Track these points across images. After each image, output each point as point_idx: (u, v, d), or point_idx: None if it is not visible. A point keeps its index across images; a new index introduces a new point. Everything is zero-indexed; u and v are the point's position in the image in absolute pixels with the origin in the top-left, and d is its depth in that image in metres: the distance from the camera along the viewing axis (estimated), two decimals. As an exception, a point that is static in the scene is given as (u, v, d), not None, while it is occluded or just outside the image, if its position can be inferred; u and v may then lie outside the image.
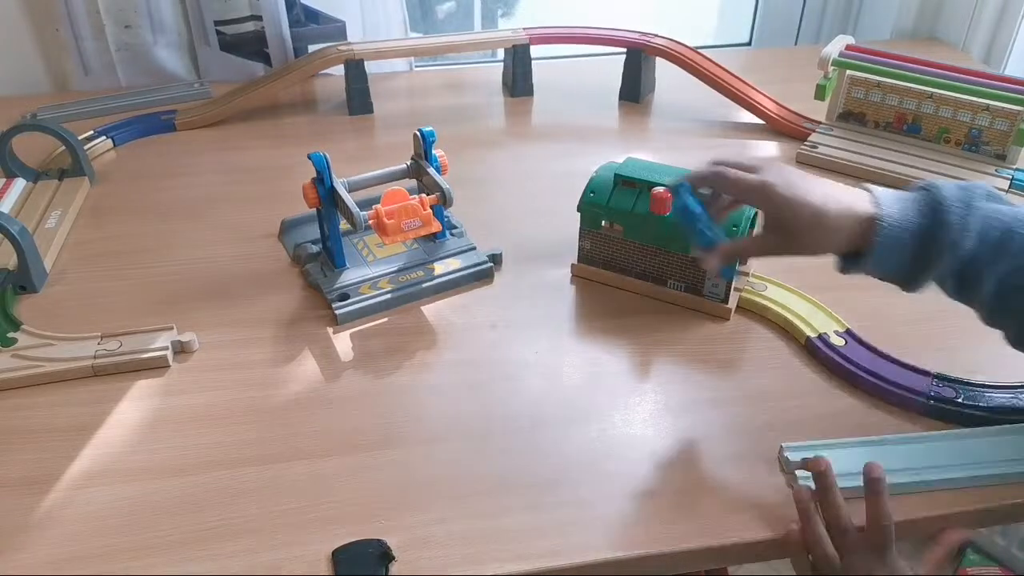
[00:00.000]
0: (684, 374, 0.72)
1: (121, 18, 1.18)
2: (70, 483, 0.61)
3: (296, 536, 0.57)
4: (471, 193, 0.85)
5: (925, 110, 1.03)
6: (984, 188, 0.60)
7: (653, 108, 1.21)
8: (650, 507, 0.59)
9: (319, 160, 0.76)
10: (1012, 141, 0.98)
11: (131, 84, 1.23)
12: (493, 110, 1.22)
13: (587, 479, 0.62)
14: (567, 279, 0.83)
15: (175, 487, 0.61)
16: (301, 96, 1.23)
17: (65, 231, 0.90)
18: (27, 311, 0.78)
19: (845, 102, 1.08)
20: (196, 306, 0.79)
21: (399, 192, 0.77)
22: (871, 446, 0.63)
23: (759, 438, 0.64)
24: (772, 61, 1.40)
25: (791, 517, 0.57)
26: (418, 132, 0.81)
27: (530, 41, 1.19)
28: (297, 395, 0.69)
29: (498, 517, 0.58)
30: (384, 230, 0.75)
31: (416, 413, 0.68)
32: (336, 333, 0.76)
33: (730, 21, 1.64)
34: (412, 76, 1.33)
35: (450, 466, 0.63)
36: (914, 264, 0.59)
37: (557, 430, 0.66)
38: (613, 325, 0.77)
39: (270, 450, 0.64)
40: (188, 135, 1.12)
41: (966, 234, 0.58)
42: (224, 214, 0.94)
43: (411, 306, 0.80)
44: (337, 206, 0.78)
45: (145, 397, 0.69)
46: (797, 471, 0.60)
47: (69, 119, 1.12)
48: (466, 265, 0.83)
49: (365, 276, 0.81)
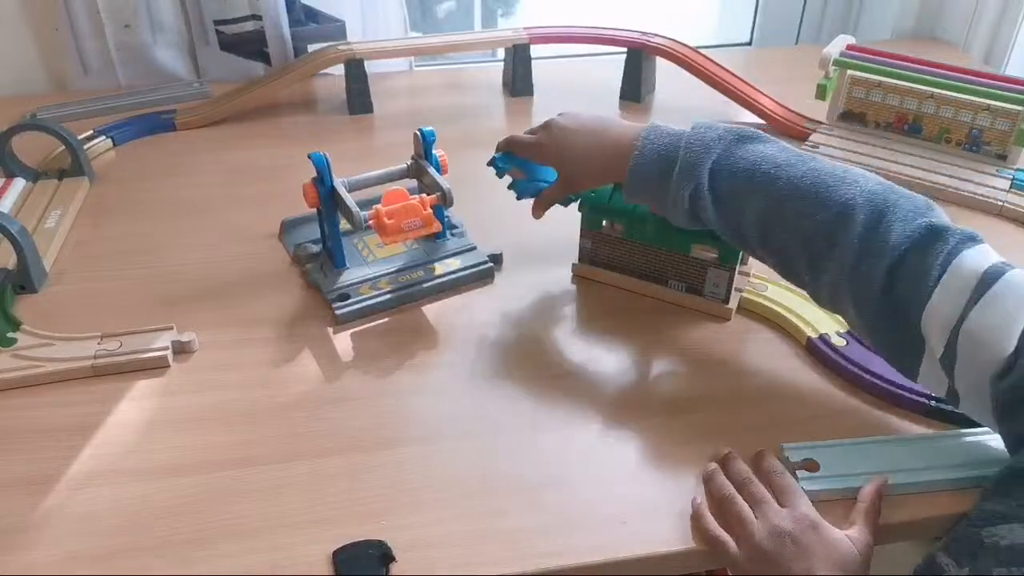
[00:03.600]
0: (685, 374, 0.72)
1: (120, 18, 1.18)
2: (70, 483, 0.61)
3: (296, 537, 0.57)
4: (471, 193, 0.85)
5: (926, 110, 1.03)
6: (743, 132, 0.67)
7: (654, 108, 1.21)
8: (651, 507, 0.59)
9: (319, 160, 0.76)
10: (1013, 141, 0.98)
11: (131, 84, 1.23)
12: (493, 110, 1.22)
13: (587, 479, 0.62)
14: (568, 279, 0.83)
15: (175, 487, 0.61)
16: (301, 96, 1.23)
17: (65, 231, 0.90)
18: (27, 311, 0.78)
19: (846, 102, 1.08)
20: (196, 306, 0.79)
21: (399, 192, 0.77)
22: (871, 446, 0.63)
23: (760, 438, 0.64)
24: (773, 61, 1.40)
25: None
26: (418, 132, 0.81)
27: (530, 40, 1.19)
28: (297, 395, 0.69)
29: (498, 518, 0.58)
30: (384, 230, 0.75)
31: (416, 414, 0.68)
32: (336, 333, 0.76)
33: (731, 21, 1.64)
34: (412, 76, 1.33)
35: (450, 467, 0.63)
36: (657, 190, 0.69)
37: (557, 430, 0.66)
38: (614, 325, 0.77)
39: (270, 451, 0.64)
40: (188, 135, 1.12)
41: (696, 170, 0.66)
42: (224, 214, 0.94)
43: (411, 306, 0.79)
44: (337, 206, 0.78)
45: (145, 397, 0.69)
46: (798, 471, 0.60)
47: (69, 119, 1.11)
48: (466, 265, 0.83)
49: (365, 276, 0.81)
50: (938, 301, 0.56)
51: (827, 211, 0.62)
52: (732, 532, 0.56)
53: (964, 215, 0.94)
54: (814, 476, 0.60)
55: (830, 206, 0.62)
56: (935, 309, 0.57)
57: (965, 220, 0.92)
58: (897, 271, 0.59)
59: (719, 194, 0.66)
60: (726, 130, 0.68)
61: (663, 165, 0.68)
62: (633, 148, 0.69)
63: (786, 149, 0.67)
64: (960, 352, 0.55)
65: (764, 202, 0.64)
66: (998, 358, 0.54)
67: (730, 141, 0.67)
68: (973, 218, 0.93)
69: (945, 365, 0.57)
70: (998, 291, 0.55)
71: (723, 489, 0.58)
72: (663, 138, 0.69)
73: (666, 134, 0.69)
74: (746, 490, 0.58)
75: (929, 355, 0.58)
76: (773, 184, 0.64)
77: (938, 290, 0.56)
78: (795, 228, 0.63)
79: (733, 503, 0.57)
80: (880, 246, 0.59)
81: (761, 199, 0.64)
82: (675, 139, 0.68)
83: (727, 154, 0.67)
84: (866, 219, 0.60)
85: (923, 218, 0.59)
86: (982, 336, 0.54)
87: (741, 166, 0.66)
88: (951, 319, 0.56)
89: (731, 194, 0.66)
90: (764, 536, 0.54)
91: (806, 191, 0.63)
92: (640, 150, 0.69)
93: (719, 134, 0.67)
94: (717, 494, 0.58)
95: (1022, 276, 0.56)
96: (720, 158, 0.66)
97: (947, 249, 0.57)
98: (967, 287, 0.56)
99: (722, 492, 0.58)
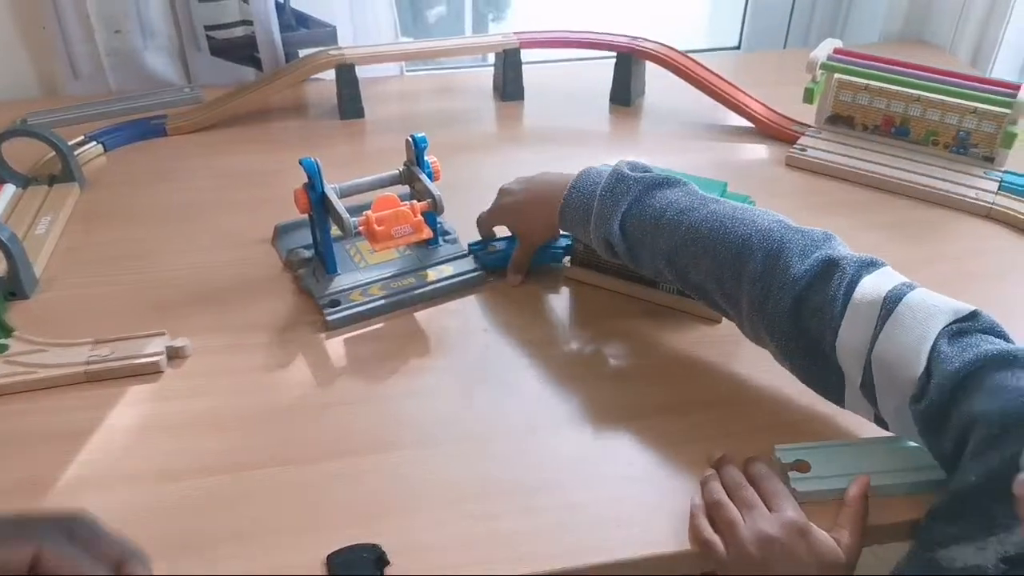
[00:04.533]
0: (677, 376, 0.72)
1: (111, 23, 1.18)
2: (64, 489, 0.61)
3: (290, 541, 0.57)
4: (462, 198, 0.85)
5: (913, 113, 1.03)
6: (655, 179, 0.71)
7: (643, 112, 1.21)
8: (645, 509, 0.60)
9: (310, 166, 0.76)
10: (999, 143, 0.99)
11: (121, 89, 1.23)
12: (484, 114, 1.22)
13: (581, 482, 0.62)
14: (560, 283, 0.84)
15: (169, 493, 0.61)
16: (292, 101, 1.23)
17: (55, 237, 0.90)
18: (18, 317, 0.78)
19: (833, 105, 1.09)
20: (188, 311, 0.79)
21: (390, 198, 0.77)
22: (861, 447, 0.63)
23: (752, 440, 0.65)
24: (761, 65, 1.40)
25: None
26: (410, 138, 0.82)
27: (521, 45, 1.19)
28: (290, 400, 0.69)
29: (492, 520, 0.59)
30: (374, 237, 0.75)
31: (409, 417, 0.68)
32: (328, 339, 0.76)
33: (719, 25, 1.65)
34: (403, 80, 1.33)
35: (444, 470, 0.63)
36: (583, 234, 0.74)
37: (551, 433, 0.66)
38: (606, 328, 0.78)
39: (263, 455, 0.64)
40: (179, 140, 1.12)
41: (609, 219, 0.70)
42: (216, 219, 0.94)
43: (404, 312, 0.80)
44: (328, 212, 0.78)
45: (138, 403, 0.69)
46: (790, 472, 0.61)
47: (59, 124, 1.11)
48: (458, 272, 0.83)
49: (357, 282, 0.81)
50: (846, 331, 0.58)
51: (727, 250, 0.64)
52: (722, 536, 0.56)
53: (952, 218, 0.95)
54: (805, 477, 0.60)
55: (728, 246, 0.64)
56: (845, 339, 0.58)
57: (953, 223, 0.94)
58: (802, 306, 0.60)
59: (630, 241, 0.70)
60: (638, 179, 0.71)
61: (583, 214, 0.73)
62: (561, 198, 0.74)
63: (691, 194, 0.70)
64: (876, 378, 0.57)
65: (670, 245, 0.68)
66: (911, 380, 0.55)
67: (640, 190, 0.70)
68: (961, 221, 0.94)
69: (866, 393, 0.58)
70: (900, 313, 0.56)
71: (714, 494, 0.59)
72: (587, 186, 0.73)
73: (590, 183, 0.73)
74: (737, 495, 0.58)
75: (850, 384, 0.59)
76: (676, 229, 0.67)
77: (844, 320, 0.58)
78: (703, 268, 0.66)
79: (723, 508, 0.57)
80: (781, 282, 0.61)
81: (666, 242, 0.68)
82: (592, 190, 0.72)
83: (637, 203, 0.70)
84: (764, 256, 0.62)
85: (819, 251, 0.61)
86: (892, 361, 0.56)
87: (648, 214, 0.69)
88: (862, 347, 0.57)
89: (640, 240, 0.70)
90: (751, 540, 0.55)
91: (707, 233, 0.66)
92: (565, 199, 0.74)
93: (629, 185, 0.71)
94: (708, 499, 0.58)
95: (922, 295, 0.57)
96: (630, 207, 0.70)
97: (847, 279, 0.59)
98: (871, 314, 0.57)
99: (713, 497, 0.58)
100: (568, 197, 0.74)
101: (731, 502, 0.58)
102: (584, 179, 0.74)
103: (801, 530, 0.55)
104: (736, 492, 0.59)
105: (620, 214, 0.70)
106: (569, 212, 0.74)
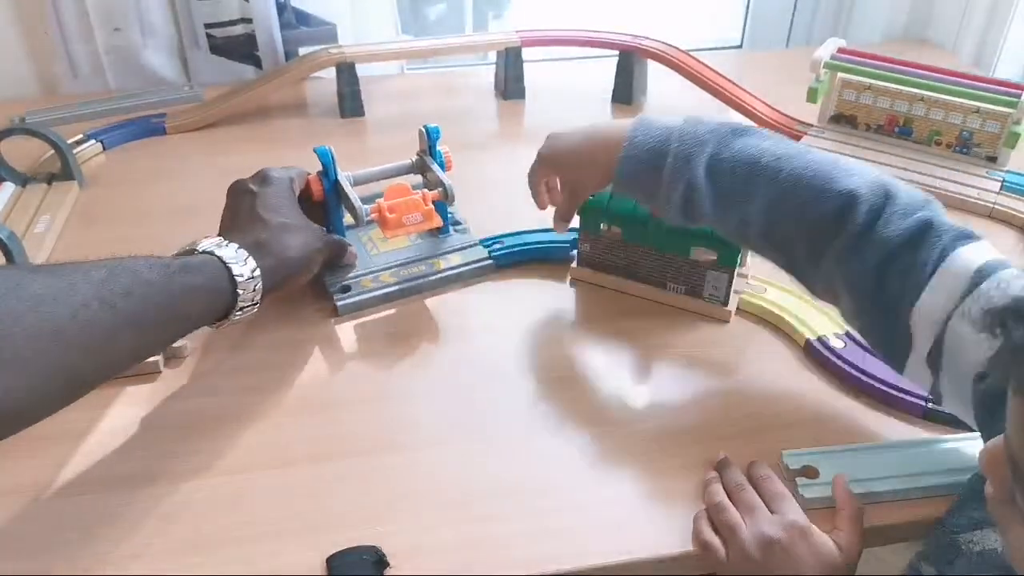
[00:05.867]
0: (683, 377, 0.72)
1: (110, 21, 1.17)
2: (62, 490, 0.60)
3: (290, 542, 0.56)
4: (464, 196, 0.85)
5: (916, 112, 1.03)
6: (735, 127, 0.67)
7: (646, 110, 1.21)
8: (647, 511, 0.59)
9: (324, 154, 0.77)
10: (1003, 143, 0.98)
11: (120, 87, 1.22)
12: (485, 113, 1.21)
13: (584, 483, 0.61)
14: (566, 282, 0.83)
15: (167, 493, 0.60)
16: (292, 99, 1.22)
17: (55, 236, 0.89)
18: (16, 317, 0.77)
19: (837, 105, 1.08)
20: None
21: (402, 187, 0.78)
22: (869, 452, 0.62)
23: (759, 441, 0.64)
24: (763, 63, 1.40)
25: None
26: (423, 128, 0.82)
27: (522, 43, 1.19)
28: (291, 400, 0.69)
29: (493, 522, 0.58)
30: (385, 223, 0.76)
31: (412, 417, 0.68)
32: (337, 324, 0.76)
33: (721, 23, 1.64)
34: (404, 79, 1.32)
35: (446, 471, 0.62)
36: (648, 184, 0.67)
37: (554, 434, 0.66)
38: (612, 328, 0.77)
39: (262, 456, 0.63)
40: (178, 139, 1.11)
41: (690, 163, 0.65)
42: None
43: (412, 302, 0.79)
44: (341, 199, 0.79)
45: (137, 403, 0.68)
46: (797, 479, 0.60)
47: (58, 123, 1.10)
48: (468, 261, 0.83)
49: (368, 269, 0.81)
50: (927, 298, 0.56)
51: (832, 201, 0.61)
52: (723, 538, 0.56)
53: (955, 217, 0.92)
54: (813, 483, 0.60)
55: (834, 196, 0.61)
56: (924, 306, 0.56)
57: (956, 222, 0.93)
58: (889, 265, 0.59)
59: (720, 188, 0.66)
60: (719, 124, 0.67)
61: (654, 158, 0.66)
62: (623, 140, 0.68)
63: (783, 142, 0.66)
64: (946, 351, 0.55)
65: (768, 194, 0.63)
66: (981, 359, 0.53)
67: (724, 134, 0.66)
68: (964, 220, 0.93)
69: (931, 363, 0.57)
70: (986, 290, 0.54)
71: (715, 496, 0.58)
72: (654, 131, 0.67)
73: (657, 127, 0.68)
74: (738, 497, 0.58)
75: (916, 352, 0.58)
76: (776, 176, 0.63)
77: (928, 287, 0.56)
78: (799, 219, 0.63)
79: (724, 510, 0.57)
80: (877, 237, 0.59)
81: (765, 191, 0.63)
82: (666, 132, 0.67)
83: (723, 148, 0.65)
84: (868, 209, 0.60)
85: (921, 211, 0.59)
86: (965, 335, 0.54)
87: (741, 159, 0.65)
88: (939, 317, 0.55)
89: (731, 188, 0.65)
90: (752, 543, 0.54)
91: (810, 181, 0.62)
92: (630, 141, 0.68)
93: (711, 128, 0.67)
94: (710, 500, 0.58)
95: (1013, 274, 0.55)
96: (716, 152, 0.66)
97: (941, 245, 0.57)
98: (957, 285, 0.55)
99: (714, 499, 0.58)
100: (633, 137, 0.67)
101: (732, 504, 0.57)
102: (649, 123, 0.68)
103: (802, 532, 0.54)
104: (737, 494, 0.58)
105: (706, 156, 0.65)
106: (636, 153, 0.67)
